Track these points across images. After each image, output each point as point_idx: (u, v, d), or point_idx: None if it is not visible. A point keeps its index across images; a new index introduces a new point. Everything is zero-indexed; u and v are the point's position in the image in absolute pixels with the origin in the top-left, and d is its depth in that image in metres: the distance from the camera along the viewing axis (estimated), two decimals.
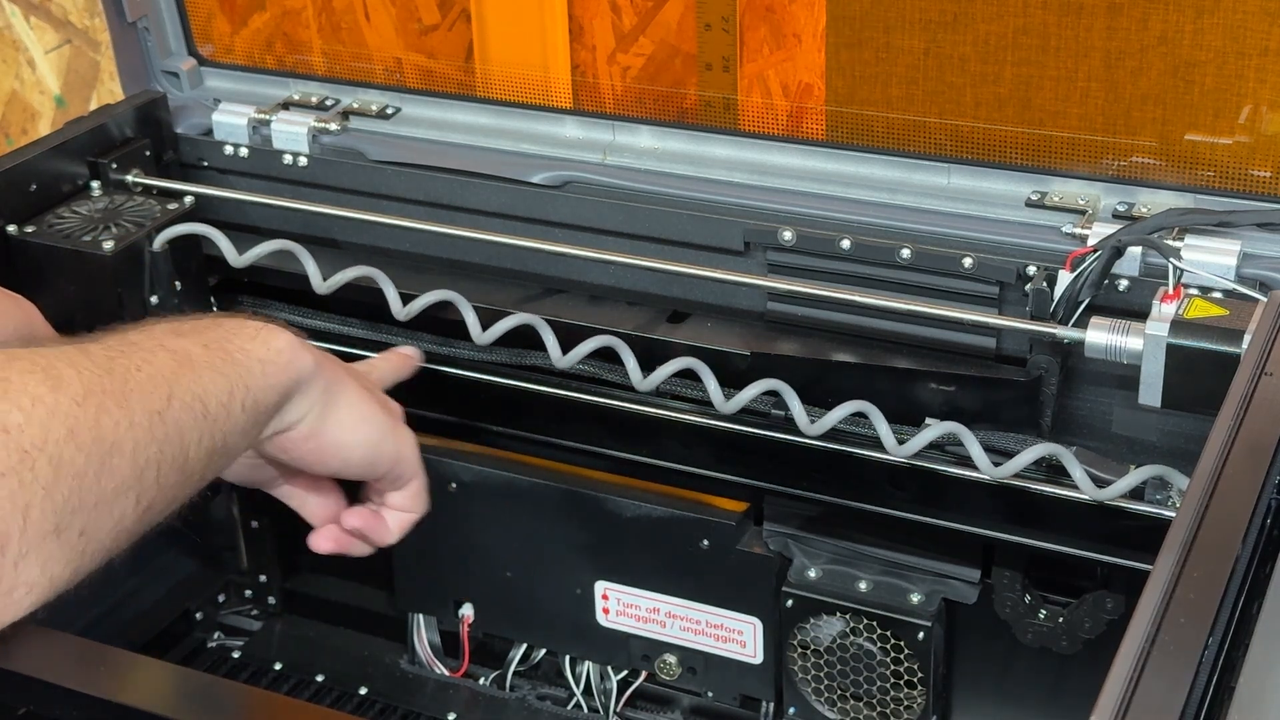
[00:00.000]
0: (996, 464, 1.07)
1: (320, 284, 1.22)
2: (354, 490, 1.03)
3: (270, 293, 1.35)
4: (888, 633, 1.21)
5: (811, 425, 1.12)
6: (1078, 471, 1.05)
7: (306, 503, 1.01)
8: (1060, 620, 1.17)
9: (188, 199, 1.28)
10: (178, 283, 1.27)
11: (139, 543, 0.79)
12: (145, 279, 1.24)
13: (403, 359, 1.15)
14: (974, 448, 1.07)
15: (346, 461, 0.94)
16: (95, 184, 1.29)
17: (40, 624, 0.73)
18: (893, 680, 1.23)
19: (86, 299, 1.22)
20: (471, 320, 1.20)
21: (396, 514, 1.01)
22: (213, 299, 1.33)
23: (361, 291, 1.23)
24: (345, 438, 0.92)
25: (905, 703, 1.23)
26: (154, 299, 1.25)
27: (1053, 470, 1.09)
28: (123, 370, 0.76)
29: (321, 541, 1.01)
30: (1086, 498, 1.06)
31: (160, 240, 1.24)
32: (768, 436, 1.17)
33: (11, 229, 1.23)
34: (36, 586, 0.70)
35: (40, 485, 0.69)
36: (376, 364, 1.12)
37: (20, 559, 0.68)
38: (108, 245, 1.21)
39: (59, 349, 0.75)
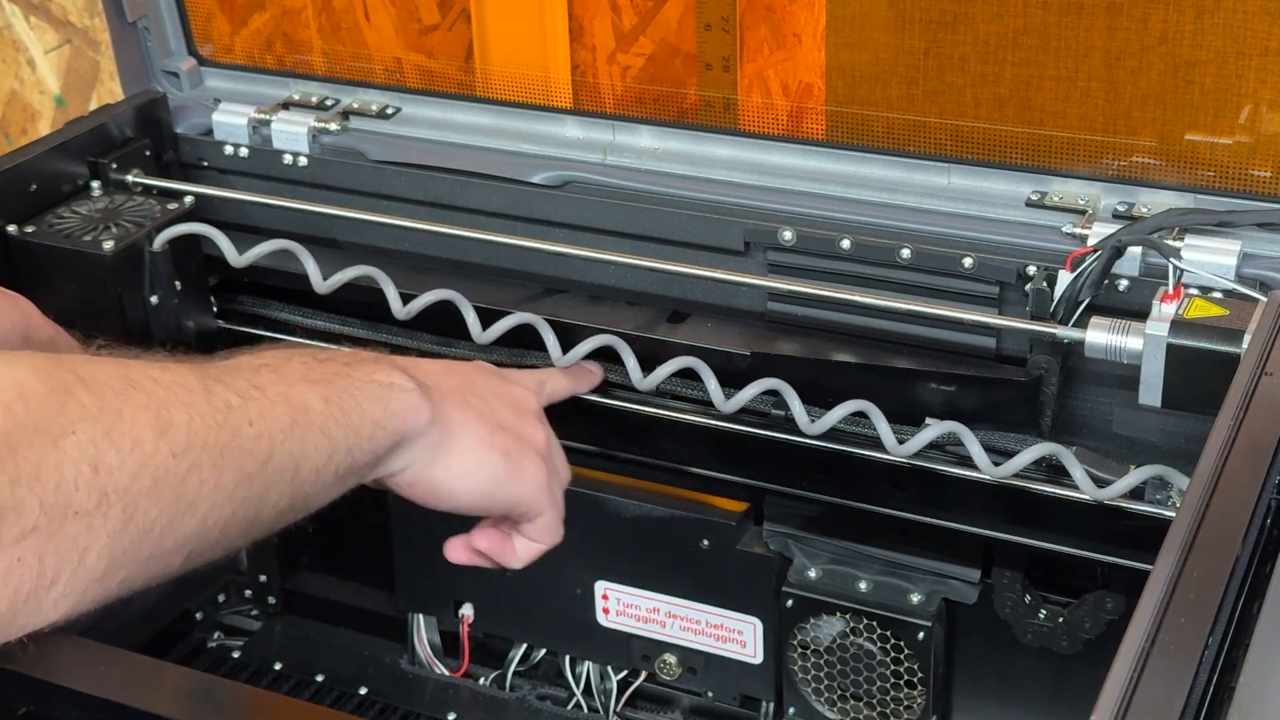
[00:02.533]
0: (997, 464, 1.07)
1: (320, 283, 1.22)
2: None
3: (270, 292, 1.35)
4: (888, 633, 1.21)
5: (812, 425, 1.12)
6: (1078, 472, 1.05)
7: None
8: (1060, 620, 1.17)
9: (188, 199, 1.28)
10: (178, 283, 1.27)
11: None
12: (145, 279, 1.24)
13: (585, 374, 1.14)
14: (974, 447, 1.07)
15: (455, 505, 0.93)
16: (95, 184, 1.29)
17: None
18: (893, 680, 1.23)
19: (86, 299, 1.22)
20: (472, 320, 1.20)
21: (526, 542, 1.00)
22: (213, 299, 1.33)
23: (362, 291, 1.23)
24: (453, 486, 0.91)
25: (905, 703, 1.23)
26: (154, 299, 1.25)
27: (1053, 470, 1.09)
28: (235, 424, 0.74)
29: (456, 552, 1.01)
30: (1086, 498, 1.06)
31: (160, 240, 1.24)
32: (768, 436, 1.17)
33: (11, 229, 1.23)
34: (61, 620, 0.69)
35: (107, 532, 0.68)
36: (554, 374, 1.12)
37: (62, 598, 0.68)
38: (108, 245, 1.21)
39: (184, 381, 0.73)
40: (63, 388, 0.67)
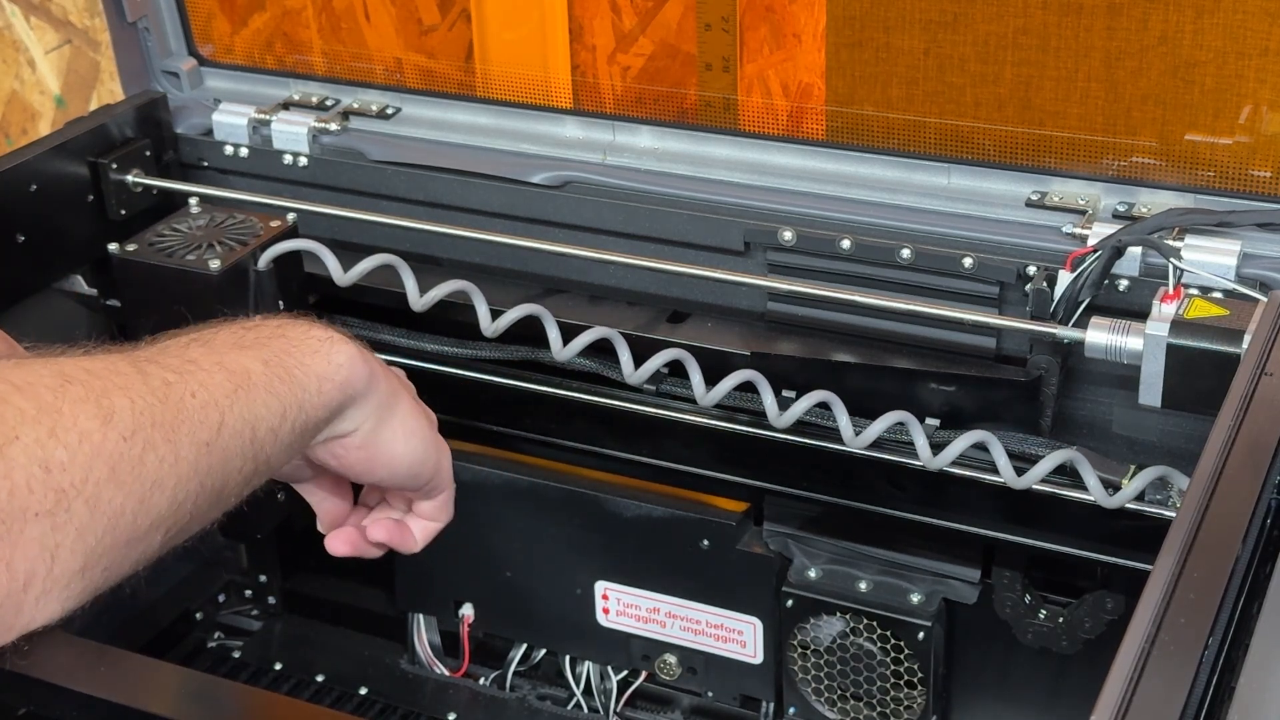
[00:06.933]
0: (1019, 471, 1.07)
1: (416, 300, 1.19)
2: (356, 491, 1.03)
3: (360, 310, 1.31)
4: (888, 633, 1.21)
5: (856, 437, 1.10)
6: (1091, 479, 1.04)
7: (324, 502, 1.00)
8: (1060, 620, 1.17)
9: (290, 216, 1.25)
10: (281, 302, 1.24)
11: None
12: (250, 298, 1.22)
13: None
14: (1000, 457, 1.06)
15: (394, 472, 0.92)
16: (193, 200, 1.27)
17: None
18: (893, 680, 1.23)
19: (191, 318, 1.19)
20: (554, 335, 1.17)
21: (423, 523, 0.99)
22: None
23: (441, 305, 1.20)
24: (397, 449, 0.91)
25: (905, 703, 1.23)
26: (257, 319, 1.22)
27: (1055, 471, 1.09)
28: (177, 398, 0.74)
29: (339, 545, 0.99)
30: (1087, 498, 1.06)
31: (265, 259, 1.21)
32: (768, 436, 1.17)
33: (113, 247, 1.21)
34: (53, 617, 0.69)
35: (74, 527, 0.68)
36: None
37: (43, 596, 0.67)
38: (214, 264, 1.18)
39: (117, 368, 0.73)
40: None
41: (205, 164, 1.38)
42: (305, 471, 0.97)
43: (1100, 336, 1.04)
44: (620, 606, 1.31)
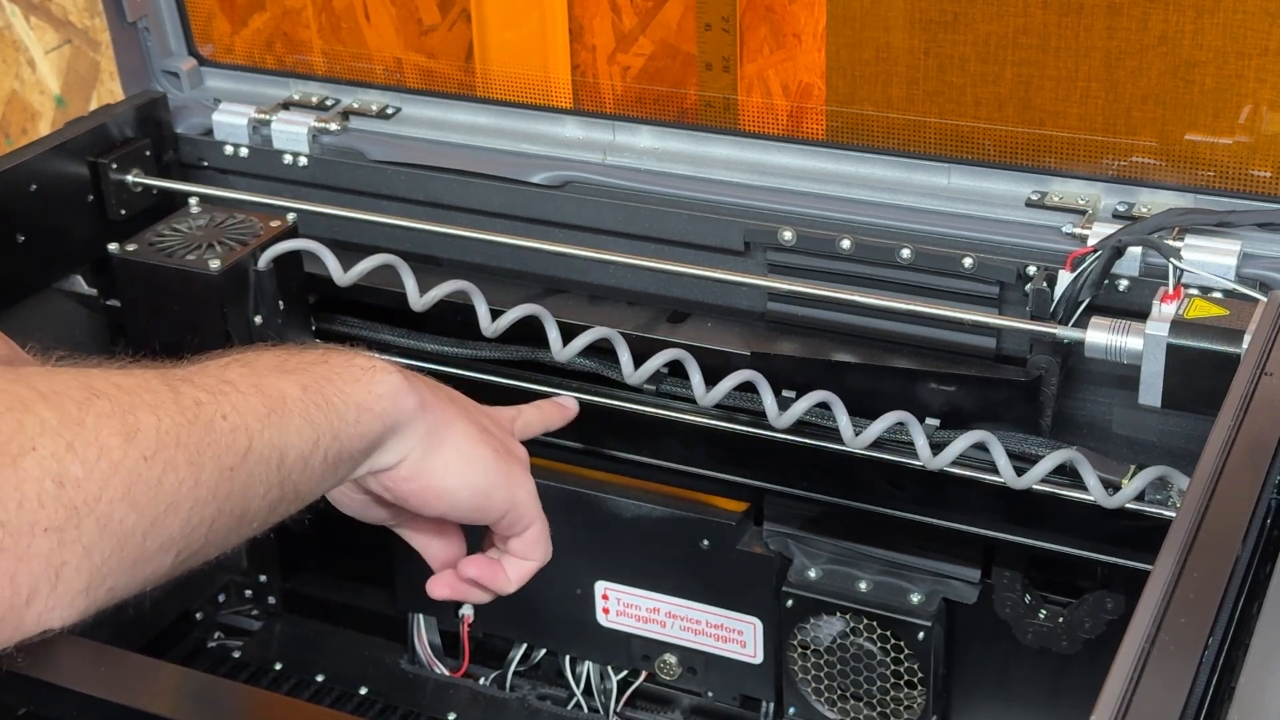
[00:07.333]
0: (1019, 471, 1.07)
1: (416, 300, 1.19)
2: (476, 536, 1.00)
3: (361, 310, 1.31)
4: (888, 633, 1.21)
5: (855, 438, 1.10)
6: (1092, 479, 1.04)
7: (429, 545, 0.99)
8: (1060, 620, 1.17)
9: (290, 215, 1.25)
10: (280, 302, 1.23)
11: None
12: (250, 298, 1.21)
13: (558, 409, 1.09)
14: (1000, 457, 1.06)
15: (453, 505, 0.90)
16: (193, 200, 1.27)
17: None
18: (893, 680, 1.23)
19: (190, 319, 1.19)
20: (554, 335, 1.17)
21: (516, 562, 0.97)
22: (312, 319, 1.30)
23: (441, 305, 1.20)
24: (450, 481, 0.88)
25: (905, 703, 1.23)
26: (258, 319, 1.22)
27: (1056, 470, 1.09)
28: (207, 419, 0.72)
29: (438, 587, 0.98)
30: (1087, 498, 1.06)
31: (265, 258, 1.21)
32: (768, 436, 1.17)
33: (113, 247, 1.21)
34: (52, 630, 0.67)
35: (81, 544, 0.66)
36: (526, 410, 1.06)
37: (45, 613, 0.66)
38: (214, 264, 1.18)
39: (148, 384, 0.71)
40: (20, 404, 0.65)
41: (205, 164, 1.38)
42: (375, 510, 0.95)
43: (1100, 336, 1.04)
44: (620, 606, 1.31)
